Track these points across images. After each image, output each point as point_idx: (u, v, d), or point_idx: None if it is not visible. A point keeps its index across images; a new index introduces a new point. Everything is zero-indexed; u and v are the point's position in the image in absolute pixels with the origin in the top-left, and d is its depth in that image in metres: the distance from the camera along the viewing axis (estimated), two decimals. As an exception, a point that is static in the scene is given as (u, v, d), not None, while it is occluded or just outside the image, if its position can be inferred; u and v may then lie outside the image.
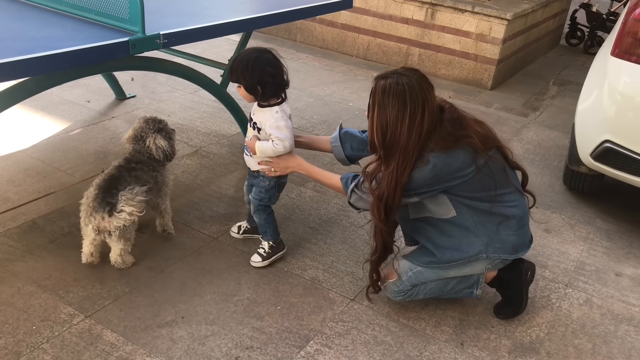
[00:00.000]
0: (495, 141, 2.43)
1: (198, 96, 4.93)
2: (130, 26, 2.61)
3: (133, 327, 2.46)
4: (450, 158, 2.29)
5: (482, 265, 2.52)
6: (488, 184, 2.38)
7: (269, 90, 2.62)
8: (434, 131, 2.28)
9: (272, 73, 2.59)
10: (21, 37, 2.51)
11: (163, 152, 2.84)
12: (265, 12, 3.37)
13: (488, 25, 5.70)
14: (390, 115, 2.24)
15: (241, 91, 2.64)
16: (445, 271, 2.53)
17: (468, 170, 2.32)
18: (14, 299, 2.54)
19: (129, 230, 2.69)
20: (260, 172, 2.79)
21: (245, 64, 2.56)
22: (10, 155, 3.72)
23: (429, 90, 2.28)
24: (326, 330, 2.56)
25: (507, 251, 2.50)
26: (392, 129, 2.25)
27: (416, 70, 2.32)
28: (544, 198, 3.86)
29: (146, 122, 2.85)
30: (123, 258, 2.75)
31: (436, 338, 2.58)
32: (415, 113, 2.23)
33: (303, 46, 6.84)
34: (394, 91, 2.23)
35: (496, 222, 2.44)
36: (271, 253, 2.92)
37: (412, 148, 2.26)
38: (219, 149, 4.09)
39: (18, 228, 3.00)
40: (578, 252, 3.31)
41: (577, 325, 2.75)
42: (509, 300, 2.74)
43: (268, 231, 2.91)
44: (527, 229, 2.57)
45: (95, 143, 3.98)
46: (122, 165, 2.77)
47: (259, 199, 2.84)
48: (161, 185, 2.90)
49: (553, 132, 5.02)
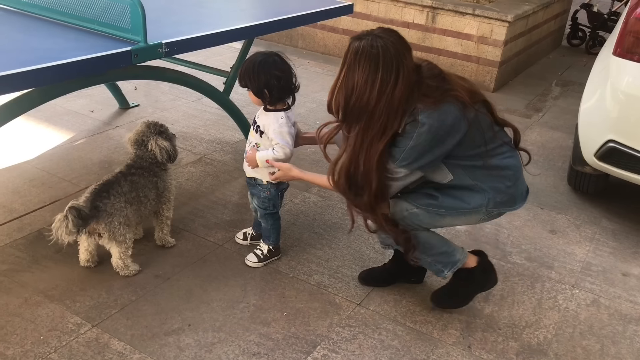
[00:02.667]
0: (480, 95, 2.33)
1: (201, 104, 4.94)
2: (132, 36, 2.63)
3: (140, 336, 2.47)
4: (442, 114, 2.17)
5: (478, 217, 2.47)
6: (479, 139, 2.30)
7: (276, 94, 2.62)
8: (417, 91, 2.17)
9: (278, 76, 2.59)
10: (25, 49, 2.53)
11: (167, 152, 2.85)
12: (266, 19, 3.39)
13: (489, 28, 5.70)
14: (359, 78, 2.12)
15: (251, 95, 2.66)
16: (442, 217, 2.44)
17: (462, 125, 2.22)
18: (22, 310, 2.55)
19: (119, 231, 2.66)
20: (257, 181, 2.80)
21: (252, 67, 2.58)
22: (15, 166, 3.73)
23: (405, 53, 2.15)
24: (333, 335, 2.56)
25: (506, 204, 2.45)
26: (358, 93, 2.13)
27: (393, 31, 2.19)
28: (548, 199, 3.86)
29: (147, 126, 2.87)
30: (124, 262, 2.75)
31: (443, 341, 2.57)
32: (388, 78, 2.10)
33: (305, 52, 6.86)
34: (367, 54, 2.10)
35: (493, 174, 2.37)
36: (268, 257, 2.95)
37: (378, 114, 2.15)
38: (223, 156, 4.10)
39: (24, 238, 3.01)
40: (584, 253, 3.30)
41: (584, 326, 2.74)
42: (457, 293, 2.70)
43: (272, 236, 2.92)
44: (522, 179, 2.50)
45: (99, 152, 4.00)
46: (121, 171, 2.78)
47: (263, 208, 2.85)
48: (162, 190, 2.90)
49: (556, 132, 5.01)
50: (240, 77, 2.63)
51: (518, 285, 2.98)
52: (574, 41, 7.99)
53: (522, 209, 3.64)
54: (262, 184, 2.79)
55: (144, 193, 2.79)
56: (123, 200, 2.67)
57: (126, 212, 2.68)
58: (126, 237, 2.71)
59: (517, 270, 3.09)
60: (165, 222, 2.98)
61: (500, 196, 2.40)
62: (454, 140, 2.24)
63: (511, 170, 2.41)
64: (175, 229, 3.16)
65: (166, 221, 2.98)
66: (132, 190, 2.72)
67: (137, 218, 2.80)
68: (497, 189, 2.39)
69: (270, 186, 2.79)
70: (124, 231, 2.69)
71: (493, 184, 2.38)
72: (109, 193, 2.63)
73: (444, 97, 2.18)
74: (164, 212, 2.95)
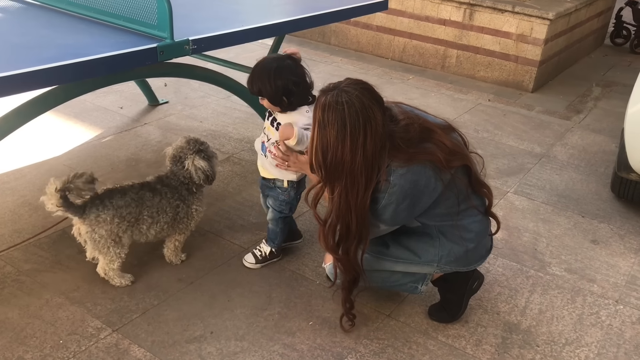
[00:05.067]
0: (461, 157, 2.22)
1: (230, 102, 4.87)
2: (158, 32, 2.54)
3: (161, 342, 2.39)
4: (415, 174, 2.10)
5: (430, 270, 2.42)
6: (453, 201, 2.24)
7: (296, 100, 2.49)
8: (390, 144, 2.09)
9: (296, 82, 2.44)
10: (48, 45, 2.47)
11: (203, 172, 2.65)
12: (298, 15, 3.28)
13: (529, 26, 5.50)
14: (330, 135, 2.03)
15: (265, 102, 2.50)
16: (393, 264, 2.40)
17: (437, 185, 2.15)
18: (42, 311, 2.50)
19: (101, 243, 2.52)
20: (277, 183, 2.68)
21: (267, 75, 2.41)
22: (43, 162, 3.71)
23: (372, 106, 2.03)
24: (360, 348, 2.44)
25: (461, 264, 2.40)
26: (332, 150, 2.04)
27: (360, 83, 2.09)
28: (590, 207, 3.67)
29: (188, 142, 2.68)
30: (106, 273, 2.61)
31: (477, 357, 2.43)
32: (357, 134, 2.01)
33: (337, 49, 6.74)
34: (333, 110, 2.01)
35: (457, 235, 2.31)
36: (267, 259, 2.87)
37: (358, 170, 2.05)
38: (251, 156, 4.01)
39: (48, 237, 2.96)
40: (629, 266, 3.11)
41: (630, 345, 2.56)
42: (447, 303, 2.61)
43: (277, 239, 2.85)
44: (485, 242, 2.43)
45: (127, 150, 3.95)
46: (147, 182, 2.65)
47: (279, 211, 2.75)
48: (182, 217, 2.71)
49: (599, 136, 4.79)
50: (253, 84, 2.46)
51: (557, 299, 2.81)
52: (617, 40, 7.69)
53: (562, 217, 3.51)
54: (282, 186, 2.68)
55: (151, 213, 2.59)
56: (112, 213, 2.49)
57: (111, 227, 2.49)
58: (110, 250, 2.54)
59: (557, 283, 2.92)
60: (173, 242, 2.79)
61: (454, 257, 2.36)
62: (430, 199, 2.19)
63: (476, 234, 2.36)
64: (201, 230, 3.07)
65: (175, 242, 2.79)
66: (132, 205, 2.54)
67: (134, 235, 2.61)
68: (454, 250, 2.34)
69: (290, 189, 2.68)
70: (108, 244, 2.52)
71: (453, 244, 2.33)
72: (102, 202, 2.49)
73: (416, 156, 2.11)
74: (176, 235, 2.78)
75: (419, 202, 2.18)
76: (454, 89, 5.68)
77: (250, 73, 2.48)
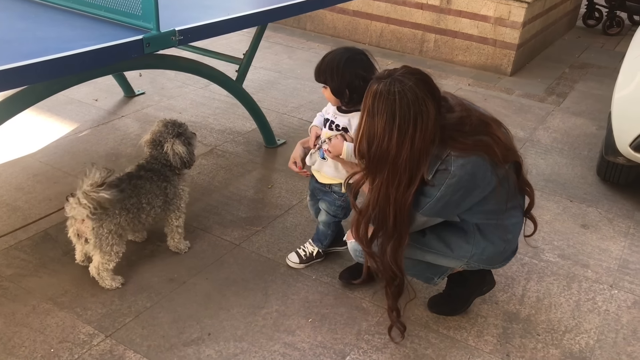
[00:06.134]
0: (515, 154, 2.16)
1: (209, 91, 4.74)
2: (143, 23, 2.42)
3: (157, 347, 2.30)
4: (475, 167, 2.00)
5: (458, 264, 2.35)
6: (503, 197, 2.15)
7: (358, 96, 2.33)
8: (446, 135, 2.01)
9: (363, 76, 2.32)
10: (28, 39, 2.33)
11: (180, 158, 2.64)
12: (284, 2, 3.17)
13: (507, 9, 5.48)
14: (378, 126, 1.94)
15: (327, 92, 2.41)
16: (423, 253, 2.31)
17: (492, 179, 2.06)
18: (30, 319, 2.38)
19: (108, 240, 2.44)
20: (333, 188, 2.59)
21: (336, 64, 2.32)
22: (18, 160, 3.55)
23: (425, 100, 1.93)
24: (362, 344, 2.40)
25: (489, 263, 2.35)
26: (378, 141, 1.96)
27: (416, 72, 1.98)
28: (577, 191, 3.68)
29: (165, 125, 2.65)
30: (99, 274, 2.52)
31: (480, 349, 2.41)
32: (406, 127, 1.92)
33: (313, 35, 6.64)
34: (384, 99, 1.92)
35: (495, 234, 2.24)
36: (311, 259, 2.81)
37: (403, 164, 1.96)
38: (235, 147, 3.91)
39: (30, 240, 2.84)
40: (620, 249, 3.13)
41: (627, 330, 2.58)
42: (453, 297, 2.58)
43: (326, 240, 2.78)
44: (514, 242, 2.36)
45: (105, 144, 3.81)
46: (131, 172, 2.59)
47: (334, 215, 2.67)
48: (171, 197, 2.69)
49: (579, 119, 4.82)
50: (320, 72, 2.37)
51: (554, 286, 2.81)
52: (589, 21, 7.75)
53: (550, 202, 3.52)
54: (338, 191, 2.59)
55: (148, 200, 2.56)
56: (119, 206, 2.43)
57: (119, 220, 2.45)
58: (113, 249, 2.48)
59: (552, 269, 2.92)
60: (175, 230, 2.77)
61: (485, 256, 2.27)
62: (482, 194, 2.10)
63: (514, 236, 2.30)
64: (189, 227, 2.98)
65: (177, 229, 2.77)
66: (132, 195, 2.50)
67: (135, 226, 2.58)
68: (488, 249, 2.25)
69: (347, 194, 2.60)
70: (113, 241, 2.46)
71: (488, 243, 2.24)
72: None
73: (474, 148, 2.01)
74: (173, 220, 2.74)
75: (470, 195, 2.07)
76: (433, 74, 5.57)
77: (320, 60, 2.39)
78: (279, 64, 5.66)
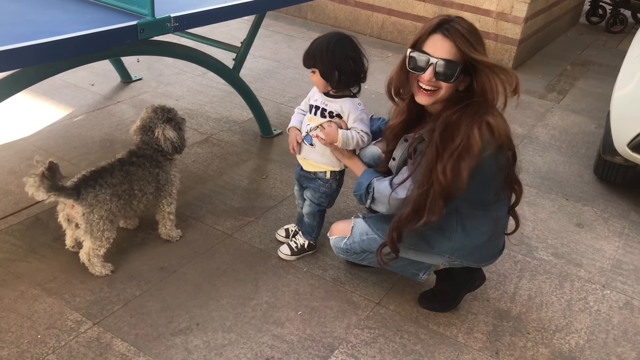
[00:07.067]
0: (512, 143, 2.14)
1: (207, 79, 4.71)
2: (138, 8, 2.40)
3: (145, 336, 2.29)
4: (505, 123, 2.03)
5: (440, 261, 2.33)
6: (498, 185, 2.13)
7: (346, 78, 2.37)
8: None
9: (353, 57, 2.35)
10: (20, 22, 2.30)
11: (172, 143, 2.63)
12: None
13: (510, 4, 5.43)
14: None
15: (315, 77, 2.40)
16: (404, 250, 2.26)
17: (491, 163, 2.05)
18: (17, 304, 2.37)
19: (98, 226, 2.43)
20: (318, 175, 2.58)
21: (325, 46, 2.32)
22: (11, 143, 3.52)
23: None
24: (351, 338, 2.38)
25: (473, 260, 2.31)
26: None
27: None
28: (573, 189, 3.66)
29: (154, 111, 2.63)
30: (90, 260, 2.51)
31: (469, 346, 2.40)
32: None
33: (314, 24, 6.59)
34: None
35: (479, 228, 2.21)
36: (302, 251, 2.79)
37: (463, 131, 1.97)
38: (231, 136, 3.88)
39: (21, 224, 2.82)
40: (614, 249, 3.11)
41: (618, 331, 2.57)
42: (442, 293, 2.56)
43: (314, 232, 2.77)
44: (500, 240, 2.35)
45: (100, 130, 3.78)
46: (122, 158, 2.57)
47: (317, 204, 2.66)
48: (163, 184, 2.67)
49: (578, 117, 4.79)
50: (309, 56, 2.36)
51: (546, 284, 2.80)
52: (593, 19, 7.70)
53: (546, 200, 3.50)
54: (323, 177, 2.58)
55: (140, 186, 2.55)
56: (110, 192, 2.42)
57: (110, 206, 2.44)
58: (104, 235, 2.46)
59: (544, 268, 2.91)
60: (167, 217, 2.76)
61: (467, 251, 2.25)
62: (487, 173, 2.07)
63: (493, 231, 2.24)
64: (182, 216, 2.96)
65: (168, 216, 2.76)
66: (124, 182, 2.49)
67: (126, 213, 2.56)
68: (468, 243, 2.22)
69: (332, 180, 2.58)
70: (104, 227, 2.45)
71: (468, 237, 2.21)
72: (96, 182, 2.40)
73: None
74: (165, 207, 2.73)
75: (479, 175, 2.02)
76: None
77: (309, 46, 2.38)
78: (278, 53, 5.62)
